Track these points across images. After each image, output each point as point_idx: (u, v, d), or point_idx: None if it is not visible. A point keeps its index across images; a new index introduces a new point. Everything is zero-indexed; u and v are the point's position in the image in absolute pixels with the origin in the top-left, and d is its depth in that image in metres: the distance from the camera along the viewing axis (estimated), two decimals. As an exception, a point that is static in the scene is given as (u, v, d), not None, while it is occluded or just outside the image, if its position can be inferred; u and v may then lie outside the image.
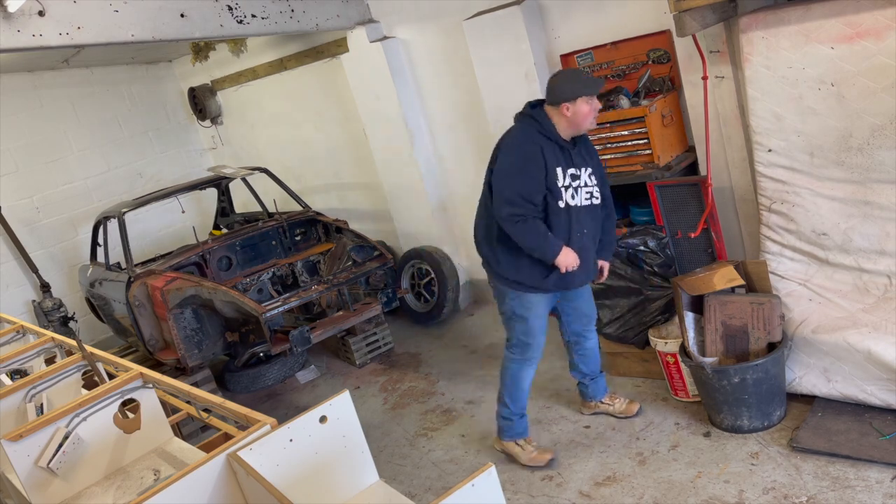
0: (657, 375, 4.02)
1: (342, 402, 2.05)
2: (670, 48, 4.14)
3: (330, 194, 7.06)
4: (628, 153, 4.10)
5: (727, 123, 3.99)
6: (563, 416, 4.03)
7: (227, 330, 5.09)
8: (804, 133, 3.50)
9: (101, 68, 7.41)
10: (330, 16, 5.29)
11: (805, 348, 3.39)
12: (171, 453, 2.67)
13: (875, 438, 3.09)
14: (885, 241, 3.37)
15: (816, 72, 3.37)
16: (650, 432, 3.67)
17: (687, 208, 3.94)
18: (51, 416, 2.50)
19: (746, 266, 3.61)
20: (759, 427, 3.41)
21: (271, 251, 5.72)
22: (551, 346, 4.88)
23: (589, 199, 3.34)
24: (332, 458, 2.04)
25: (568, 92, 3.16)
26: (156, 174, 7.79)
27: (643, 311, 3.97)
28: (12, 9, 3.57)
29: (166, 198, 5.85)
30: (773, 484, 3.06)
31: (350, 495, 2.10)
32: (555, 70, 4.69)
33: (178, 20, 4.33)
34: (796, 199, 3.59)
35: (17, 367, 3.41)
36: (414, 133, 5.73)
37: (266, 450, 1.92)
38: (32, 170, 6.99)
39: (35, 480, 2.47)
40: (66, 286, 7.02)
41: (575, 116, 3.18)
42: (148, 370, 2.74)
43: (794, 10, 3.39)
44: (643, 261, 3.97)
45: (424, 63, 5.57)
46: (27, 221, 6.92)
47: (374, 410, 4.69)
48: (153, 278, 5.07)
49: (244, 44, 6.88)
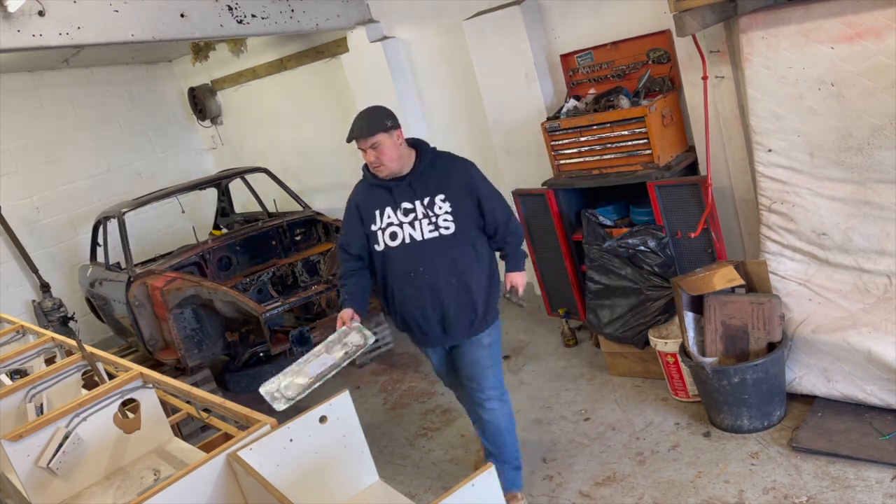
0: (657, 375, 4.02)
1: (342, 402, 2.05)
2: (670, 48, 4.14)
3: (330, 194, 7.06)
4: (628, 153, 4.09)
5: (727, 123, 3.99)
6: (562, 417, 4.03)
7: (227, 330, 5.09)
8: (804, 133, 3.50)
9: (101, 68, 7.42)
10: (330, 16, 5.29)
11: (805, 348, 3.39)
12: (171, 453, 2.68)
13: (875, 438, 3.09)
14: (885, 241, 3.37)
15: (816, 72, 3.37)
16: (650, 432, 3.67)
17: (687, 208, 3.94)
18: (51, 416, 2.50)
19: (746, 266, 3.61)
20: (759, 427, 3.41)
21: (271, 251, 5.72)
22: (551, 345, 4.90)
23: (435, 231, 3.01)
24: (332, 458, 2.04)
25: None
26: (156, 174, 7.78)
27: (643, 311, 3.97)
28: (12, 9, 3.57)
29: (166, 198, 5.85)
30: (773, 484, 3.06)
31: (350, 495, 2.10)
32: (555, 70, 4.71)
33: (178, 20, 4.33)
34: (796, 199, 3.59)
35: (17, 367, 3.41)
36: (414, 133, 5.71)
37: (266, 450, 1.92)
38: (32, 170, 7.00)
39: (35, 480, 2.47)
40: (66, 286, 7.02)
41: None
42: (148, 370, 2.74)
43: (794, 10, 3.39)
44: (643, 261, 3.97)
45: (424, 63, 5.57)
46: (27, 221, 6.92)
47: (374, 410, 4.69)
48: (153, 278, 5.07)
49: (244, 44, 6.88)
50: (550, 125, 4.34)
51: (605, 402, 4.05)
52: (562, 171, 4.43)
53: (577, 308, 4.68)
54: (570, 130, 4.26)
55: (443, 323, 3.09)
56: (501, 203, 3.19)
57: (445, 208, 3.03)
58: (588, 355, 4.63)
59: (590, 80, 4.55)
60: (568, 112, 4.36)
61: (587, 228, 4.21)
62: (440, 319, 3.09)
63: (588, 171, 4.30)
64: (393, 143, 3.02)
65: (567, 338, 4.83)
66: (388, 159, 3.01)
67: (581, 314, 4.65)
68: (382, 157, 3.00)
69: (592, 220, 4.19)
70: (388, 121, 3.03)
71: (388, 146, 3.00)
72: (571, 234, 4.56)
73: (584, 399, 4.14)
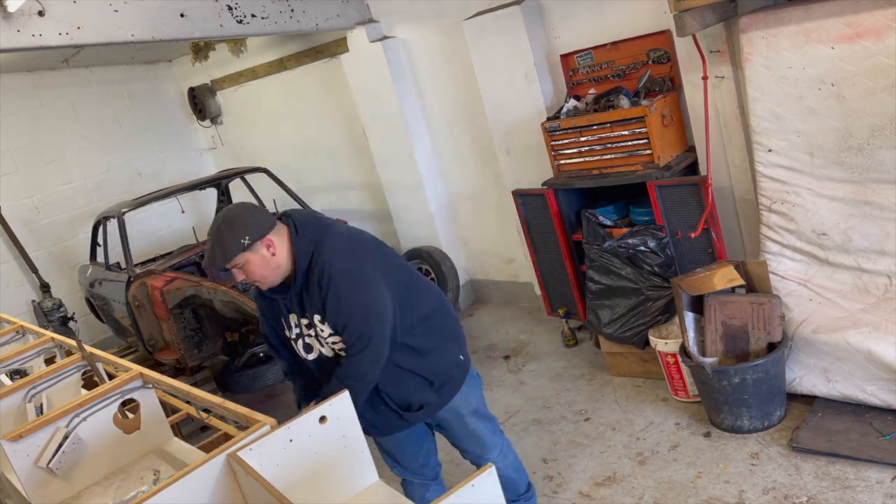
0: (657, 375, 4.02)
1: (342, 402, 2.04)
2: (670, 48, 4.14)
3: (330, 194, 7.06)
4: (628, 153, 4.09)
5: (727, 123, 3.99)
6: (562, 417, 4.02)
7: (227, 330, 5.09)
8: (804, 133, 3.50)
9: (101, 68, 7.41)
10: (330, 16, 5.29)
11: (805, 348, 3.39)
12: (171, 453, 2.67)
13: (875, 438, 3.09)
14: (885, 241, 3.37)
15: (816, 72, 3.37)
16: (650, 432, 3.67)
17: (687, 208, 3.94)
18: (51, 417, 2.50)
19: (746, 266, 3.61)
20: (760, 427, 3.41)
21: (271, 251, 5.71)
22: (551, 345, 4.90)
23: (331, 352, 2.58)
24: (331, 458, 2.03)
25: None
26: (156, 174, 7.78)
27: (643, 311, 3.97)
28: (12, 9, 3.56)
29: (166, 198, 5.84)
30: (773, 484, 3.06)
31: (350, 495, 2.09)
32: (555, 70, 4.71)
33: (178, 20, 4.33)
34: (796, 199, 3.59)
35: (16, 367, 3.40)
36: (414, 133, 5.73)
37: (266, 450, 1.92)
38: (32, 170, 6.99)
39: (35, 480, 2.46)
40: (65, 286, 7.01)
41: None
42: (148, 370, 2.74)
43: (794, 10, 3.39)
44: (643, 261, 3.97)
45: (424, 63, 5.57)
46: (27, 221, 6.92)
47: (374, 410, 4.69)
48: (153, 278, 5.06)
49: (244, 44, 6.88)
50: (550, 125, 4.34)
51: (605, 402, 4.05)
52: (562, 171, 4.43)
53: (577, 308, 4.68)
54: (570, 130, 4.26)
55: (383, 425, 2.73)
56: (351, 331, 2.48)
57: (328, 330, 2.52)
58: (588, 355, 4.63)
59: (590, 80, 4.55)
60: (568, 112, 4.36)
61: (587, 228, 4.21)
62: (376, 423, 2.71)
63: (588, 171, 4.30)
64: (260, 260, 2.46)
65: (567, 338, 4.83)
66: (259, 277, 2.51)
67: (581, 314, 4.65)
68: (252, 276, 2.51)
69: (592, 220, 4.19)
70: (247, 235, 2.43)
71: (255, 264, 2.46)
72: (571, 234, 4.56)
73: (584, 399, 4.14)
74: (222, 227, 2.47)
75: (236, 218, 2.48)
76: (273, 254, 2.47)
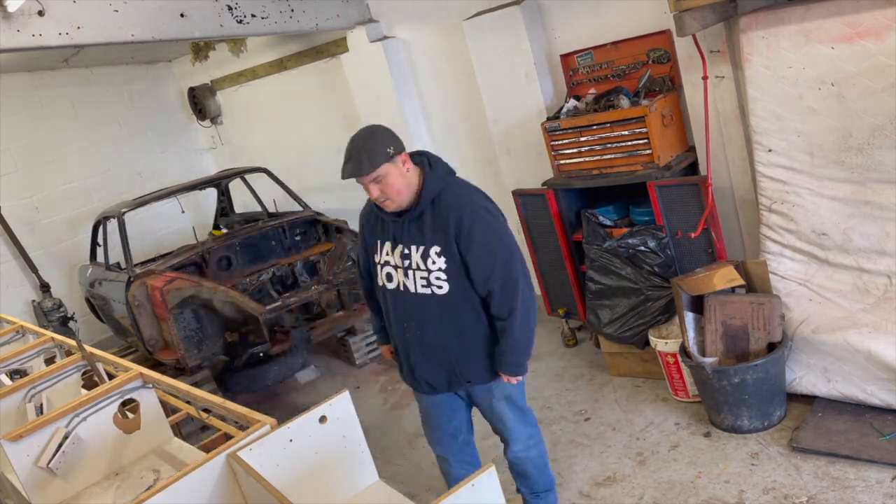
0: (657, 375, 4.02)
1: (342, 402, 2.05)
2: (670, 48, 4.14)
3: (330, 194, 7.06)
4: (628, 153, 4.09)
5: (727, 123, 3.98)
6: (562, 417, 4.03)
7: (227, 330, 5.09)
8: (804, 133, 3.50)
9: (101, 68, 7.41)
10: (330, 16, 5.29)
11: (805, 348, 3.39)
12: (171, 453, 2.67)
13: (875, 438, 3.09)
14: (885, 241, 3.37)
15: (816, 72, 3.37)
16: (650, 432, 3.67)
17: (687, 208, 3.94)
18: (51, 417, 2.50)
19: (746, 266, 3.61)
20: (760, 427, 3.41)
21: (271, 251, 5.72)
22: (551, 345, 4.90)
23: (427, 287, 2.59)
24: (331, 458, 2.04)
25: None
26: (156, 174, 7.78)
27: (643, 311, 3.97)
28: (12, 9, 3.56)
29: (166, 198, 5.84)
30: (773, 484, 3.06)
31: (350, 495, 2.10)
32: (555, 70, 4.71)
33: (178, 20, 4.33)
34: (796, 199, 3.59)
35: (16, 367, 3.41)
36: (414, 133, 5.72)
37: (266, 450, 1.92)
38: (32, 170, 6.99)
39: (35, 480, 2.47)
40: (66, 286, 7.02)
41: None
42: (148, 370, 2.74)
43: (794, 10, 3.39)
44: (643, 261, 3.97)
45: (424, 63, 5.57)
46: (27, 221, 6.92)
47: (374, 410, 4.69)
48: (153, 278, 5.06)
49: (244, 44, 6.88)
50: (550, 125, 4.34)
51: (605, 402, 4.05)
52: (562, 171, 4.43)
53: (577, 308, 4.68)
54: (570, 130, 4.26)
55: (438, 379, 2.79)
56: (502, 272, 2.56)
57: (440, 264, 2.54)
58: (588, 355, 4.63)
59: (590, 80, 4.55)
60: (568, 112, 4.36)
61: (587, 228, 4.21)
62: (431, 377, 2.79)
63: (588, 171, 4.30)
64: (399, 173, 2.52)
65: (567, 338, 4.83)
66: (395, 193, 2.53)
67: (581, 314, 4.65)
68: (389, 191, 2.52)
69: (592, 220, 4.19)
70: (391, 146, 2.50)
71: (393, 177, 2.51)
72: (571, 234, 4.56)
73: (584, 399, 4.14)
74: (366, 137, 2.53)
75: (379, 130, 2.56)
76: (408, 170, 2.56)
